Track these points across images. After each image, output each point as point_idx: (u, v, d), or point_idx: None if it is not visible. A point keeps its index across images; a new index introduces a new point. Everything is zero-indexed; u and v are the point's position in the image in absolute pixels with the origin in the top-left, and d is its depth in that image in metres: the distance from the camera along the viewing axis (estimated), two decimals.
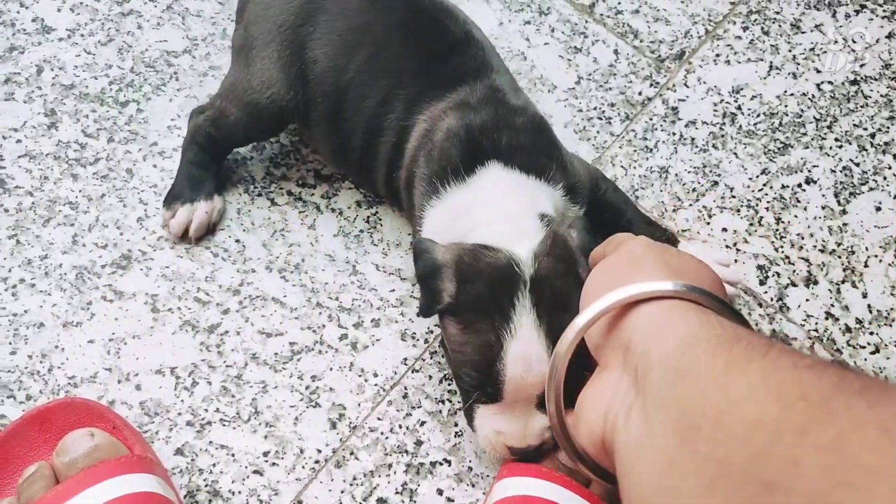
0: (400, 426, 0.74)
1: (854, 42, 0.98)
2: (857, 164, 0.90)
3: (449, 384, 0.76)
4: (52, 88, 0.88)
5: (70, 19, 0.92)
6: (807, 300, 0.82)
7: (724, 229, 0.86)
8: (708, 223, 0.86)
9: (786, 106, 0.93)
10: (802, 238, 0.85)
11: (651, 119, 0.92)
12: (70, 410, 0.68)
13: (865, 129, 0.92)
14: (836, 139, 0.91)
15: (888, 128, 0.92)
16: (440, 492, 0.71)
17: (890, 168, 0.90)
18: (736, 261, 0.84)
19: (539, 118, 0.74)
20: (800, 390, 0.35)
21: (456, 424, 0.74)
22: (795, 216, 0.87)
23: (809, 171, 0.89)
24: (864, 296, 0.83)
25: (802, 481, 0.32)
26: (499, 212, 0.66)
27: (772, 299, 0.82)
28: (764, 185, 0.88)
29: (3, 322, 0.76)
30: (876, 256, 0.85)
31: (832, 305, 0.82)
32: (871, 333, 0.81)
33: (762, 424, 0.35)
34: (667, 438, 0.40)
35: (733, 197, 0.87)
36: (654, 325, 0.47)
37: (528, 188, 0.68)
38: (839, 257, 0.85)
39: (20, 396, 0.73)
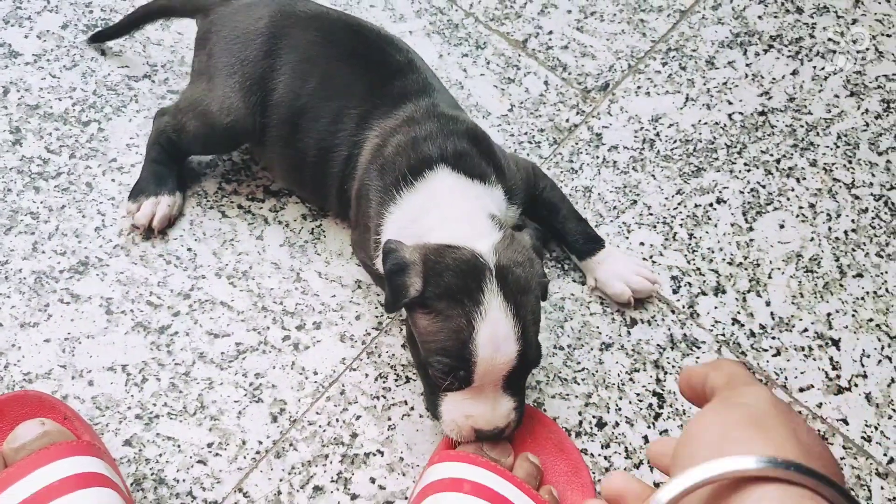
0: (337, 420, 0.79)
1: (762, 77, 1.08)
2: (764, 186, 0.99)
3: (383, 382, 0.82)
4: (17, 108, 0.94)
5: (37, 45, 0.98)
6: (715, 308, 0.90)
7: (642, 243, 0.93)
8: (627, 237, 0.93)
9: (700, 133, 1.02)
10: (713, 252, 0.94)
11: (577, 144, 1.00)
12: (22, 402, 0.72)
13: (772, 154, 1.01)
14: (745, 164, 1.00)
15: (792, 154, 1.02)
16: (373, 480, 0.76)
17: (793, 190, 0.99)
18: (652, 272, 0.91)
19: (476, 127, 0.82)
20: None
21: (389, 419, 0.80)
22: (707, 232, 0.95)
23: (720, 192, 0.98)
24: (768, 304, 0.90)
25: None
26: (453, 212, 0.72)
27: (683, 307, 0.89)
28: (679, 204, 0.97)
29: None
30: (779, 269, 0.93)
31: (738, 312, 0.90)
32: (774, 338, 0.88)
33: None
34: None
35: (650, 214, 0.95)
36: None
37: (475, 190, 0.75)
38: (746, 269, 0.93)
39: None
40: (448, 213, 0.73)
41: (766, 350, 0.88)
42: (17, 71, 0.96)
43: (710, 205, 0.97)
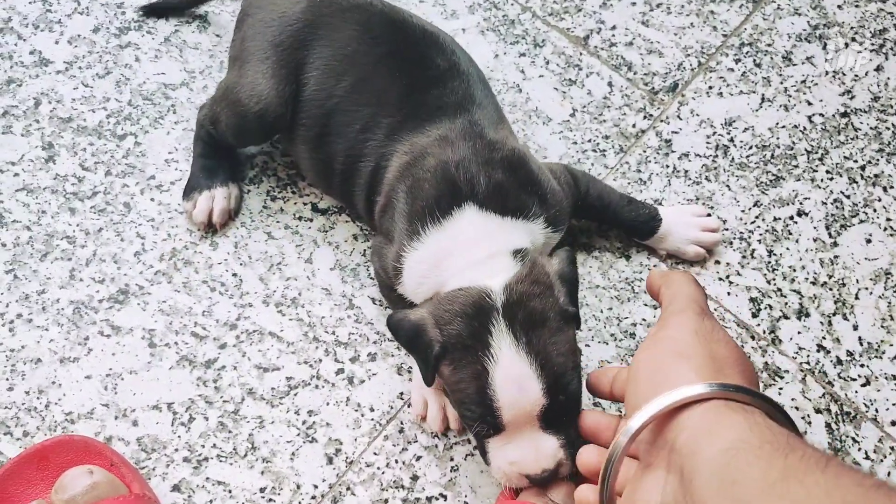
0: (396, 461, 0.74)
1: (843, 74, 0.99)
2: (848, 197, 0.91)
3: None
4: (49, 121, 0.88)
5: (68, 52, 0.92)
6: (798, 332, 0.83)
7: (717, 262, 0.86)
8: None
9: (777, 138, 0.94)
10: (794, 270, 0.86)
11: (645, 151, 0.93)
12: (68, 448, 0.69)
13: (856, 161, 0.93)
14: (828, 171, 0.93)
15: (878, 160, 0.94)
16: None
17: (880, 200, 0.91)
18: (729, 293, 0.85)
19: (517, 152, 0.74)
20: (870, 501, 0.35)
21: (452, 459, 0.75)
22: (787, 248, 0.88)
23: (801, 203, 0.90)
24: (855, 328, 0.83)
25: None
26: (473, 257, 0.68)
27: (764, 332, 0.83)
28: (756, 217, 0.89)
29: (1, 358, 0.76)
30: (866, 289, 0.86)
31: (823, 338, 0.83)
32: (862, 366, 0.82)
33: None
34: None
35: (726, 229, 0.88)
36: (700, 428, 0.48)
37: (504, 228, 0.69)
38: (830, 289, 0.86)
39: (17, 433, 0.73)
40: (469, 257, 0.68)
41: (854, 379, 0.81)
42: (48, 80, 0.91)
43: (791, 218, 0.90)
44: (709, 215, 0.88)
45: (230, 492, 0.72)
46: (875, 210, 0.91)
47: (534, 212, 0.71)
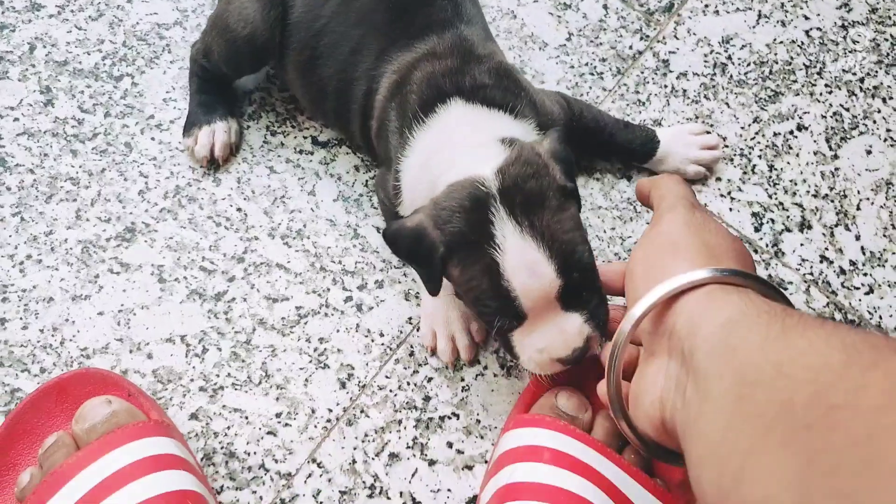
0: (408, 383, 0.76)
1: None
2: (847, 110, 0.91)
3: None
4: (45, 66, 0.88)
5: None
6: (801, 245, 0.84)
7: (719, 178, 0.87)
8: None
9: (775, 54, 0.94)
10: (795, 184, 0.87)
11: (643, 73, 0.92)
12: (85, 380, 0.70)
13: (854, 73, 0.93)
14: (826, 85, 0.92)
15: (876, 72, 0.93)
16: (450, 444, 0.73)
17: (879, 112, 0.91)
18: (731, 209, 0.85)
19: (504, 64, 0.73)
20: (868, 342, 0.36)
21: (462, 379, 0.76)
22: (788, 163, 0.88)
23: (800, 117, 0.90)
24: (857, 238, 0.84)
25: (869, 398, 0.33)
26: (462, 146, 0.65)
27: (767, 245, 0.83)
28: (756, 133, 0.89)
29: (13, 298, 0.77)
30: (868, 199, 0.86)
31: (826, 249, 0.83)
32: (865, 275, 0.82)
33: (828, 367, 0.36)
34: (725, 399, 0.41)
35: (726, 146, 0.88)
36: (697, 310, 0.49)
37: (492, 118, 0.68)
38: (832, 201, 0.86)
39: (34, 370, 0.74)
40: (456, 149, 0.65)
41: (857, 288, 0.82)
42: (41, 25, 0.90)
43: (791, 132, 0.90)
44: (707, 133, 0.88)
45: (247, 418, 0.73)
46: (875, 122, 0.91)
47: (523, 112, 0.70)
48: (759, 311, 0.44)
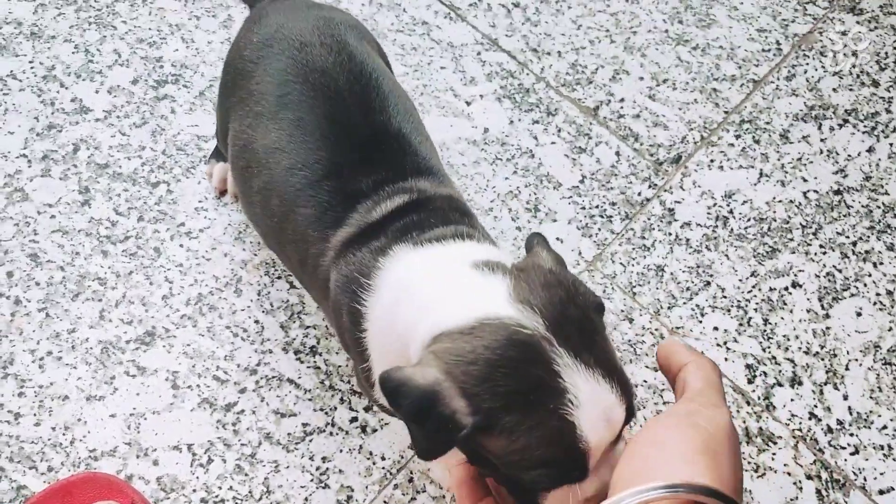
0: None
1: (837, 154, 1.05)
2: (840, 271, 0.96)
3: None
4: (87, 167, 0.93)
5: (107, 101, 0.97)
6: (791, 400, 0.87)
7: (716, 328, 0.91)
8: (700, 321, 0.91)
9: (774, 212, 1.00)
10: (788, 339, 0.91)
11: (649, 219, 0.97)
12: (91, 484, 0.71)
13: (848, 237, 0.99)
14: (821, 245, 0.98)
15: (868, 237, 0.99)
16: None
17: (870, 276, 0.96)
18: (726, 359, 0.89)
19: (454, 197, 0.66)
20: None
21: None
22: (782, 318, 0.92)
23: (796, 275, 0.95)
24: (846, 398, 0.88)
25: None
26: (429, 286, 0.55)
27: (759, 398, 0.87)
28: (753, 286, 0.94)
29: (30, 393, 0.79)
30: (856, 360, 0.90)
31: (815, 406, 0.87)
32: (852, 435, 0.85)
33: None
34: None
35: (724, 297, 0.93)
36: None
37: (449, 248, 0.58)
38: (822, 359, 0.90)
39: (42, 468, 0.76)
40: (428, 288, 0.55)
41: (843, 448, 0.85)
42: (87, 128, 0.95)
43: (786, 288, 0.94)
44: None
45: None
46: (865, 285, 0.95)
47: (484, 237, 0.62)
48: None
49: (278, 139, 0.65)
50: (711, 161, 1.03)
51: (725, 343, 0.90)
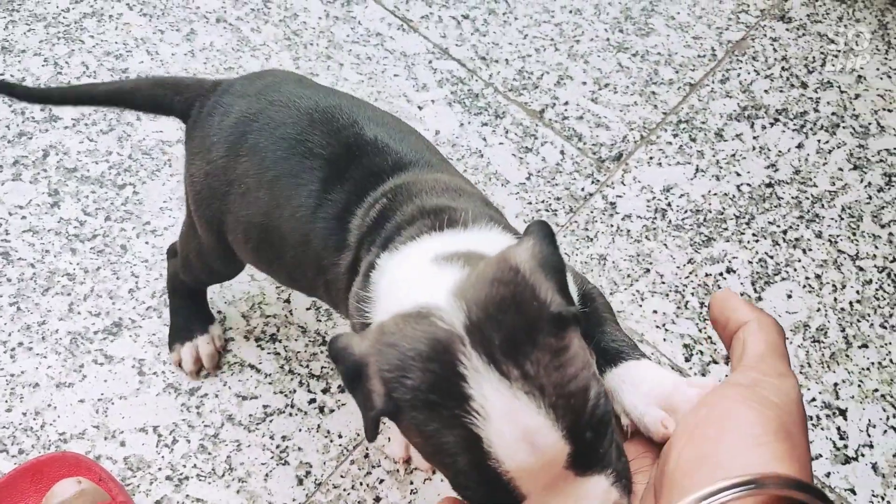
0: (361, 483, 0.82)
1: (769, 150, 1.12)
2: (772, 257, 1.03)
3: (407, 446, 0.84)
4: (56, 171, 0.98)
5: (76, 110, 1.02)
6: (726, 375, 0.93)
7: (655, 311, 0.97)
8: (640, 306, 0.97)
9: (710, 204, 1.06)
10: None
11: (592, 212, 1.04)
12: (60, 463, 0.75)
13: (779, 226, 1.05)
14: (754, 234, 1.04)
15: (798, 226, 1.05)
16: None
17: (800, 261, 1.03)
18: (665, 339, 0.95)
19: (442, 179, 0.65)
20: None
21: (411, 483, 0.82)
22: None
23: (730, 261, 1.02)
24: None
25: None
26: (395, 285, 0.53)
27: (695, 374, 0.92)
28: (690, 273, 1.00)
29: (1, 382, 0.83)
30: (787, 339, 0.96)
31: None
32: None
33: None
34: None
35: (663, 283, 0.99)
36: None
37: (417, 248, 0.56)
38: None
39: (13, 451, 0.80)
40: (393, 292, 0.53)
41: None
42: (56, 134, 1.00)
43: (721, 274, 1.01)
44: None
45: None
46: (795, 269, 1.02)
47: (475, 218, 0.58)
48: None
49: (271, 199, 0.67)
50: (650, 158, 1.10)
51: (664, 325, 0.96)
